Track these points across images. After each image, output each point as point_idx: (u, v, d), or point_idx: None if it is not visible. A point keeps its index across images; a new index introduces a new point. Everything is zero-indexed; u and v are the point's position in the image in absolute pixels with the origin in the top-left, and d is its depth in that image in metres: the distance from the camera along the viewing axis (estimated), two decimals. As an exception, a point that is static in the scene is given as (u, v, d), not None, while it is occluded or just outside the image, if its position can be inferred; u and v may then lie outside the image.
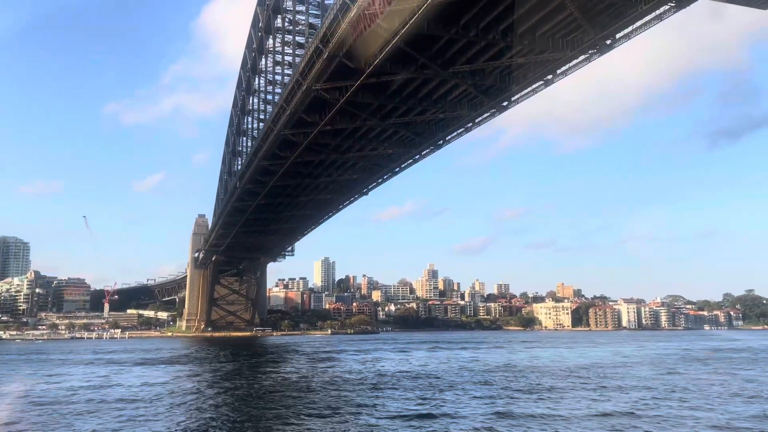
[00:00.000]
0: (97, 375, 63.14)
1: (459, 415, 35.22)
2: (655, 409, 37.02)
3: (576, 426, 31.75)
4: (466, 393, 45.42)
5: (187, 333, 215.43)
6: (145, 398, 43.23)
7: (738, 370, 67.19)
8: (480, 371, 64.73)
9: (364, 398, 42.88)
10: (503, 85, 66.55)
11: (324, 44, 57.70)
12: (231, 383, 55.01)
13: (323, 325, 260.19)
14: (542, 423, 32.58)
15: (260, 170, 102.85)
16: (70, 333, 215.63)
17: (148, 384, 53.12)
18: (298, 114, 75.25)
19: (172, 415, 35.82)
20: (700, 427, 31.40)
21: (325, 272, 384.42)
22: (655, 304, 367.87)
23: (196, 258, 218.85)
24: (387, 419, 33.83)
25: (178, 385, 53.03)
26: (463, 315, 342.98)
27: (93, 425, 32.64)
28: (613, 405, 38.75)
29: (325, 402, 40.94)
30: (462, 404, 39.55)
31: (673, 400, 41.53)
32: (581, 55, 59.24)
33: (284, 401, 41.61)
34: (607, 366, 71.21)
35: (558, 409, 37.25)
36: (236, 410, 38.16)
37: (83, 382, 54.74)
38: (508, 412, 36.07)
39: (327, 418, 34.25)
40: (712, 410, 36.89)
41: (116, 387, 51.05)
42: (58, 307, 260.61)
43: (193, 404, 40.33)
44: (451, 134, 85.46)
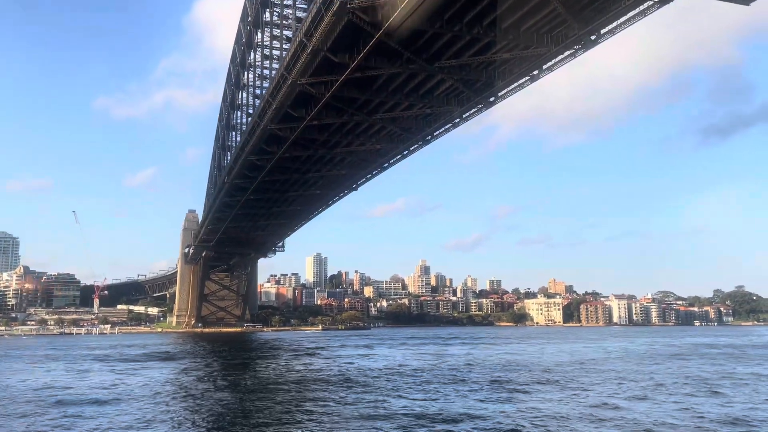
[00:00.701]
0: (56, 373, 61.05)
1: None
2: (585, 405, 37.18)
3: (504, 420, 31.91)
4: (403, 390, 45.13)
5: (177, 329, 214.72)
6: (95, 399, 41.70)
7: (705, 366, 67.50)
8: (444, 367, 64.84)
9: (312, 397, 42.51)
10: (489, 81, 66.23)
11: (308, 38, 57.27)
12: (199, 381, 54.20)
13: (314, 321, 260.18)
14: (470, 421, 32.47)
15: (248, 165, 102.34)
16: (59, 328, 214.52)
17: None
18: (285, 109, 74.83)
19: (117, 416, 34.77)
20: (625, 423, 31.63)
21: (317, 268, 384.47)
22: (646, 300, 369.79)
23: (186, 253, 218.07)
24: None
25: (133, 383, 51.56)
26: (455, 311, 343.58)
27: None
28: (556, 401, 39.15)
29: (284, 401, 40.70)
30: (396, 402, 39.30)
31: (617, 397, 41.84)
32: (566, 51, 59.06)
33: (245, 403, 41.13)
34: (575, 363, 70.93)
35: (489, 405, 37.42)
36: (204, 411, 37.72)
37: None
38: (437, 409, 35.81)
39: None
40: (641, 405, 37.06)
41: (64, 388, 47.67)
42: (48, 303, 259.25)
43: (151, 405, 38.78)
44: (438, 129, 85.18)
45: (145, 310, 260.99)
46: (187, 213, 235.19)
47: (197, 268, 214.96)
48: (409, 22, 51.20)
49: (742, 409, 35.65)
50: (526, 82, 66.53)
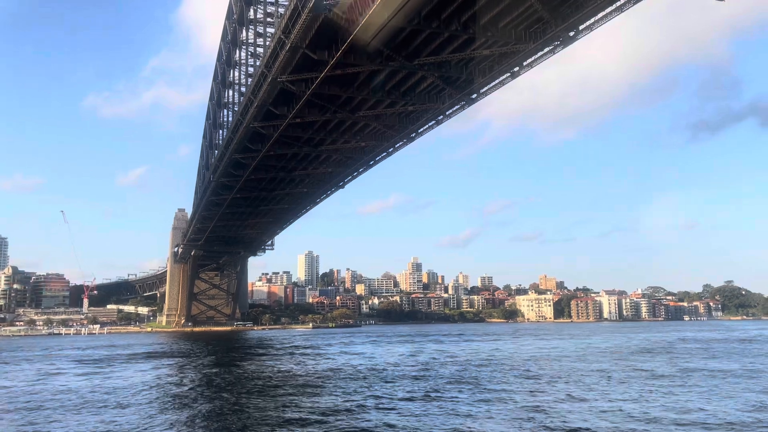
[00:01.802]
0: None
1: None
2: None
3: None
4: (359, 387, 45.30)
5: (167, 328, 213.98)
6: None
7: (677, 360, 68.01)
8: (415, 364, 64.92)
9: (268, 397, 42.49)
10: (470, 77, 66.25)
11: (286, 35, 57.09)
12: (162, 381, 54.06)
13: (305, 319, 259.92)
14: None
15: (233, 163, 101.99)
16: (48, 329, 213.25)
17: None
18: (266, 106, 74.55)
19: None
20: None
21: (309, 266, 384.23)
22: (636, 295, 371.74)
23: (175, 253, 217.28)
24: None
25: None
26: (446, 308, 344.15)
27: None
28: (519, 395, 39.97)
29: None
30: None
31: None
32: (545, 47, 59.12)
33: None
34: (536, 360, 71.06)
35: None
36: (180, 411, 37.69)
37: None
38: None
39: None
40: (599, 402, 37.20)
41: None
42: (37, 303, 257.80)
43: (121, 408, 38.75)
44: (422, 127, 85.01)
45: (135, 310, 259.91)
46: (176, 212, 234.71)
47: (187, 267, 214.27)
48: (386, 18, 51.11)
49: (659, 406, 35.74)
50: (507, 78, 66.56)
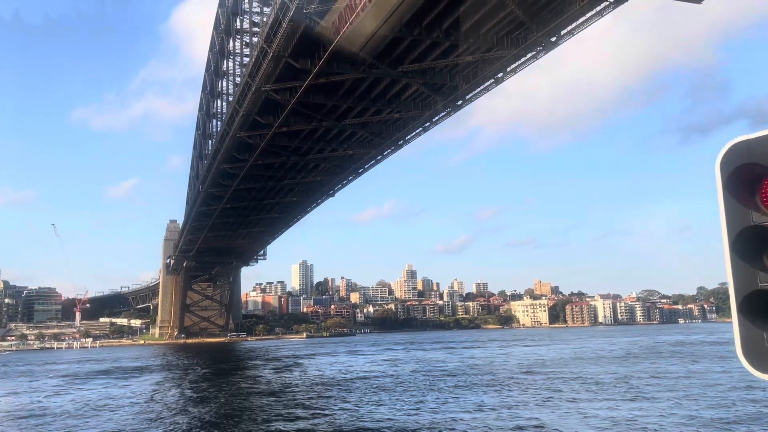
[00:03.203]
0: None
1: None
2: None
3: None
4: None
5: (160, 340, 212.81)
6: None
7: (659, 363, 67.79)
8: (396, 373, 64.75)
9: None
10: (454, 84, 66.48)
11: (268, 44, 57.15)
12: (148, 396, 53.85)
13: (299, 329, 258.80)
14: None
15: (221, 173, 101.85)
16: (40, 343, 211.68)
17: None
18: (252, 116, 74.53)
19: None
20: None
21: (303, 275, 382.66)
22: (631, 299, 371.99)
23: (168, 264, 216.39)
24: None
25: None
26: (441, 315, 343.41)
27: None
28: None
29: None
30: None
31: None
32: (528, 53, 59.39)
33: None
34: (513, 367, 70.11)
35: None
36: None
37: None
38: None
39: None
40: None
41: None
42: (29, 317, 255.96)
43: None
44: (410, 134, 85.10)
45: (128, 323, 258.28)
46: (168, 223, 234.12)
47: (179, 279, 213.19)
48: (361, 27, 51.21)
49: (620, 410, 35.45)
50: (491, 84, 66.80)
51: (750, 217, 3.16)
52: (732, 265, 3.18)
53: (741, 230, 3.14)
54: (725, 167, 3.16)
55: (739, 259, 3.15)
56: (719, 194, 3.19)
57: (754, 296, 3.11)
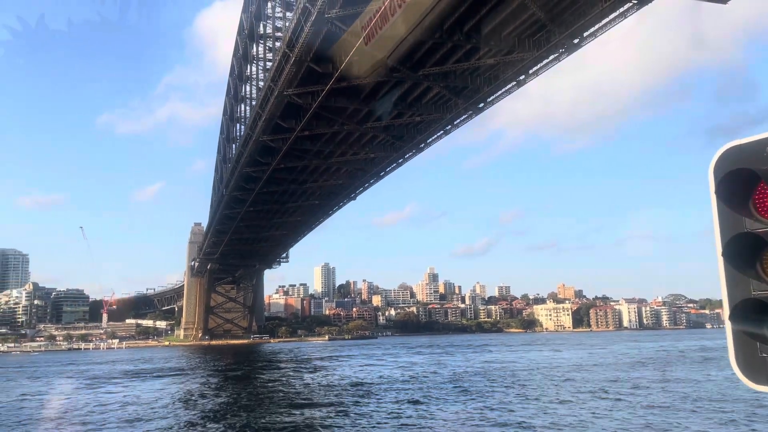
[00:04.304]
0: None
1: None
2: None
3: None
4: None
5: (185, 342, 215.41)
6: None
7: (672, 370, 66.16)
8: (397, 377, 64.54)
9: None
10: (476, 87, 66.32)
11: (290, 49, 57.64)
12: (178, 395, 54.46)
13: (321, 331, 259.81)
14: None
15: (244, 177, 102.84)
16: (68, 344, 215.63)
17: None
18: (275, 120, 75.24)
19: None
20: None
21: (325, 278, 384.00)
22: (657, 303, 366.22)
23: (192, 266, 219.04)
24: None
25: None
26: (463, 318, 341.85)
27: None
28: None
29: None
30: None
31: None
32: (550, 55, 59.04)
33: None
34: (528, 371, 68.89)
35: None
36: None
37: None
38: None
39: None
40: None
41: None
42: (57, 319, 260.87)
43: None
44: (431, 137, 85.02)
45: (154, 324, 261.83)
46: (192, 226, 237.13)
47: (203, 281, 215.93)
48: (390, 32, 51.35)
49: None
50: (513, 87, 66.48)
51: (743, 224, 3.13)
52: (725, 272, 3.15)
53: (733, 237, 3.12)
54: (718, 173, 3.16)
55: (732, 266, 3.12)
56: (712, 200, 3.19)
57: (747, 304, 3.07)
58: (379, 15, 49.27)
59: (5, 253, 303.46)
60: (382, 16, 49.53)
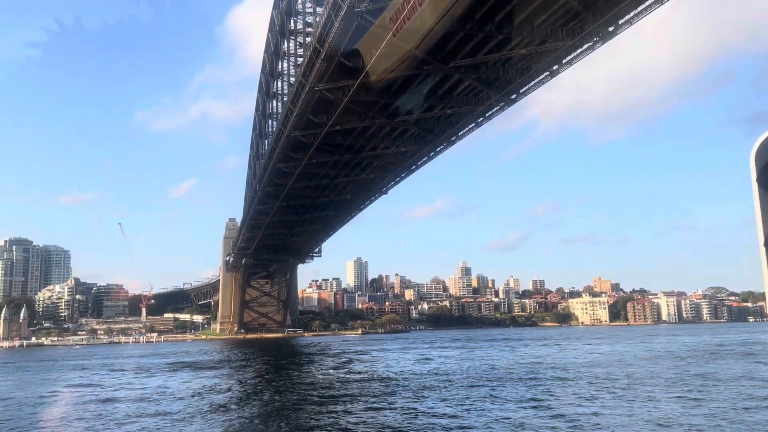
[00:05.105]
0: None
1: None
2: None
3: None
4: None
5: (221, 335, 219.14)
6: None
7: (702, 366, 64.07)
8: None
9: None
10: (508, 78, 65.56)
11: (321, 44, 57.82)
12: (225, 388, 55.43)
13: (354, 325, 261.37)
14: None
15: (277, 172, 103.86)
16: (109, 338, 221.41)
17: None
18: (306, 115, 75.70)
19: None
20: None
21: (358, 272, 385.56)
22: (697, 296, 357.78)
23: (227, 261, 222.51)
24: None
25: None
26: (497, 312, 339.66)
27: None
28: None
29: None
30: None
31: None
32: (584, 44, 58.01)
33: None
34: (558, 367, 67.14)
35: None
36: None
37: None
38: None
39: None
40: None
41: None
42: (98, 313, 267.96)
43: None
44: (462, 129, 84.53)
45: (191, 318, 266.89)
46: (227, 221, 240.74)
47: (238, 276, 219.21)
48: (418, 23, 51.13)
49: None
50: (546, 77, 65.59)
51: (786, 213, 3.01)
52: (767, 261, 3.04)
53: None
54: (760, 161, 3.04)
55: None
56: (754, 189, 3.07)
57: (791, 294, 2.97)
58: (407, 7, 49.12)
59: (48, 249, 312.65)
60: (411, 8, 49.33)
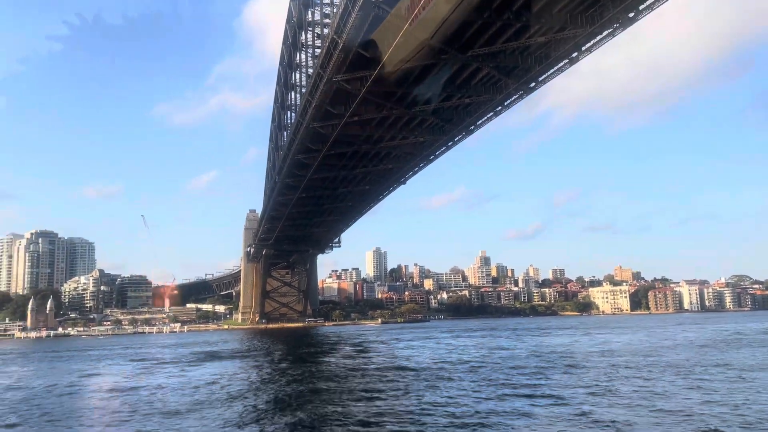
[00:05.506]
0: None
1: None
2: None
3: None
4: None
5: (243, 325, 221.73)
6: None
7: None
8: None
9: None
10: (526, 66, 65.15)
11: (338, 35, 57.95)
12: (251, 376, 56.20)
13: (374, 315, 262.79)
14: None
15: (296, 164, 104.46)
16: (134, 328, 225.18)
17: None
18: (324, 106, 76.00)
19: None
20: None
21: (377, 262, 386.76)
22: (719, 284, 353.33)
23: (248, 252, 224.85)
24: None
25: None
26: (516, 301, 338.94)
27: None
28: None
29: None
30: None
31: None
32: (604, 30, 57.49)
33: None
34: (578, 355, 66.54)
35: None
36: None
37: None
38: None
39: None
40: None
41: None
42: (122, 304, 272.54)
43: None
44: (481, 119, 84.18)
45: (213, 308, 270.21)
46: (247, 213, 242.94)
47: (259, 267, 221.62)
48: (434, 12, 50.99)
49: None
50: (565, 65, 65.10)
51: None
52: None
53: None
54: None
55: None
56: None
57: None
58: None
59: (73, 241, 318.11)
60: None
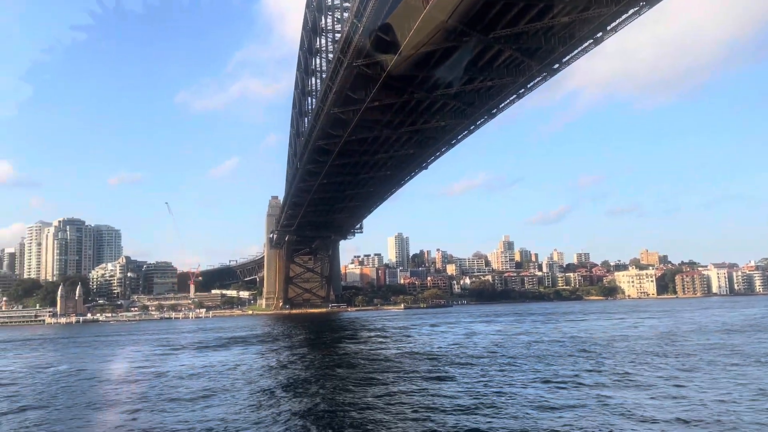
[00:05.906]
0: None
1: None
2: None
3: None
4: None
5: (267, 311, 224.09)
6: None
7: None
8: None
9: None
10: (550, 47, 63.86)
11: (359, 19, 57.32)
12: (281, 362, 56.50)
13: (396, 300, 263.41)
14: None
15: (317, 150, 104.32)
16: (160, 314, 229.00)
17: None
18: (345, 92, 75.55)
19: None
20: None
21: (399, 248, 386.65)
22: (749, 268, 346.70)
23: (271, 238, 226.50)
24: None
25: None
26: (540, 286, 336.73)
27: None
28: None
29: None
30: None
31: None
32: (630, 9, 55.99)
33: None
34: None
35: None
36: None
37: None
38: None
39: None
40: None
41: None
42: (149, 290, 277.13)
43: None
44: (503, 101, 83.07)
45: (237, 294, 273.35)
46: (270, 199, 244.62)
47: (282, 252, 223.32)
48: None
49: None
50: (590, 45, 63.69)
51: None
52: None
53: None
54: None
55: None
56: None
57: None
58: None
59: (100, 229, 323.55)
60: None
